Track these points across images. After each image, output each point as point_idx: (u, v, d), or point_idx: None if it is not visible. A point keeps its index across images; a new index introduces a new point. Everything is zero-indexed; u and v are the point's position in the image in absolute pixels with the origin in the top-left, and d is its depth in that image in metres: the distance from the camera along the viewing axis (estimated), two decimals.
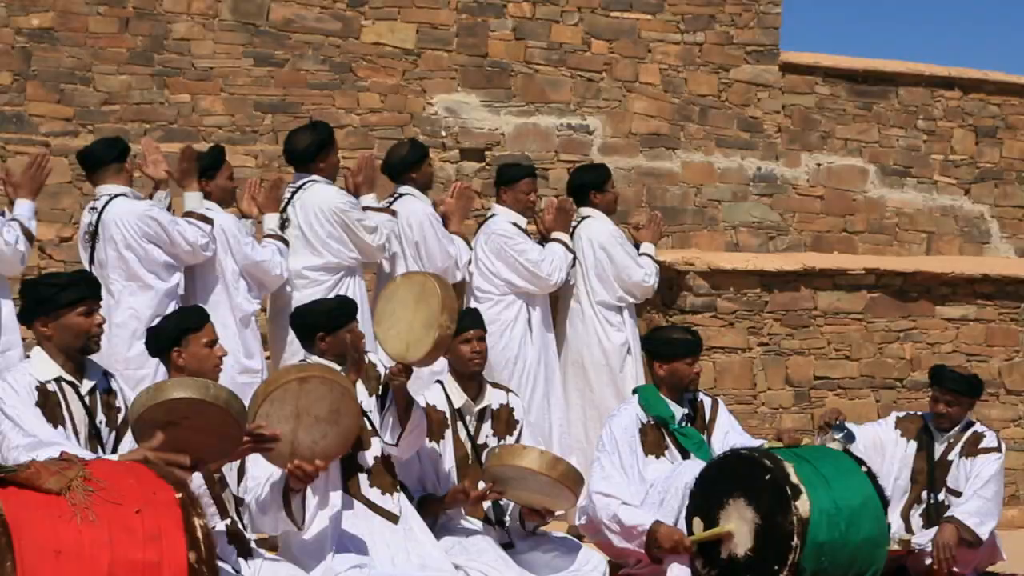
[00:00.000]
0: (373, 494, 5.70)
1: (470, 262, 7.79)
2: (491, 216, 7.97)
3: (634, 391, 6.87)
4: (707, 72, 10.56)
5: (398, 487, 5.80)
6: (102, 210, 6.79)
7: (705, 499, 6.04)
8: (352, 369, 5.59)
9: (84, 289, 5.08)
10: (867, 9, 28.20)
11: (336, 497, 5.53)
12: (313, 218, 7.23)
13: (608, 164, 9.25)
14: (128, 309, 6.70)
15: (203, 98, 9.46)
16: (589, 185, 8.16)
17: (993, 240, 11.23)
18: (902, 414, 7.24)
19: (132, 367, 6.49)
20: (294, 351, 7.01)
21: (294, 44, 9.65)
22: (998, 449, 6.90)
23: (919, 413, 7.23)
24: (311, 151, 7.32)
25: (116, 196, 6.80)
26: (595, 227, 8.02)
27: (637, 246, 8.26)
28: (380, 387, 5.81)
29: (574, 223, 8.08)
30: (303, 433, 4.95)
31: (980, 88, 11.24)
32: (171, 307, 6.69)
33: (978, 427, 7.04)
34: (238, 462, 5.19)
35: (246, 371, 6.90)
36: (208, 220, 6.88)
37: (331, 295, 6.86)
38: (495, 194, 8.17)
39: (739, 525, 5.91)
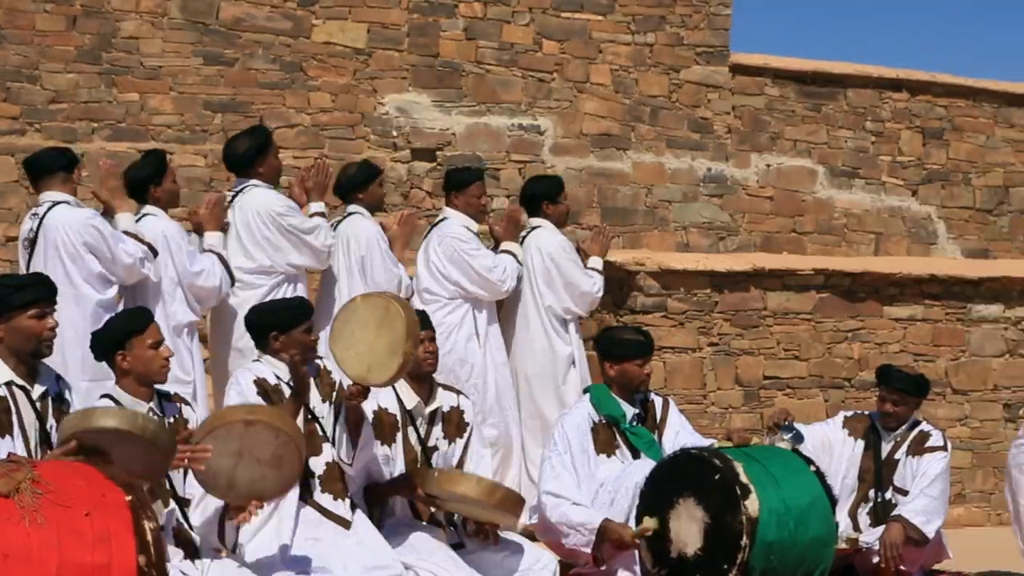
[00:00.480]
0: (325, 500, 5.69)
1: (411, 290, 7.79)
2: (443, 219, 7.97)
3: (585, 390, 6.89)
4: (657, 73, 10.61)
5: (348, 491, 5.79)
6: (43, 216, 6.72)
7: (655, 499, 6.07)
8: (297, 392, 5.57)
9: (39, 291, 5.04)
10: (816, 11, 28.41)
11: (290, 510, 5.52)
12: (251, 220, 7.21)
13: (559, 164, 9.29)
14: (61, 320, 6.61)
15: (152, 97, 9.40)
16: (542, 195, 8.16)
17: (940, 241, 11.35)
18: (850, 413, 7.30)
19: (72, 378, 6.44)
20: (240, 350, 7.00)
21: (244, 43, 9.61)
22: (944, 448, 6.97)
23: (866, 412, 7.29)
24: (250, 155, 7.30)
25: (58, 203, 6.73)
26: (544, 237, 8.04)
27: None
28: (334, 394, 5.81)
29: (524, 233, 8.10)
30: (242, 471, 4.96)
31: (927, 90, 11.34)
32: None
33: (924, 426, 7.10)
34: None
35: (177, 381, 6.83)
36: (144, 242, 6.80)
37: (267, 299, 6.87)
38: (445, 197, 8.17)
39: (688, 524, 5.94)
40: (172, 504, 5.15)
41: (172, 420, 5.32)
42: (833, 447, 7.08)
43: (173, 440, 4.61)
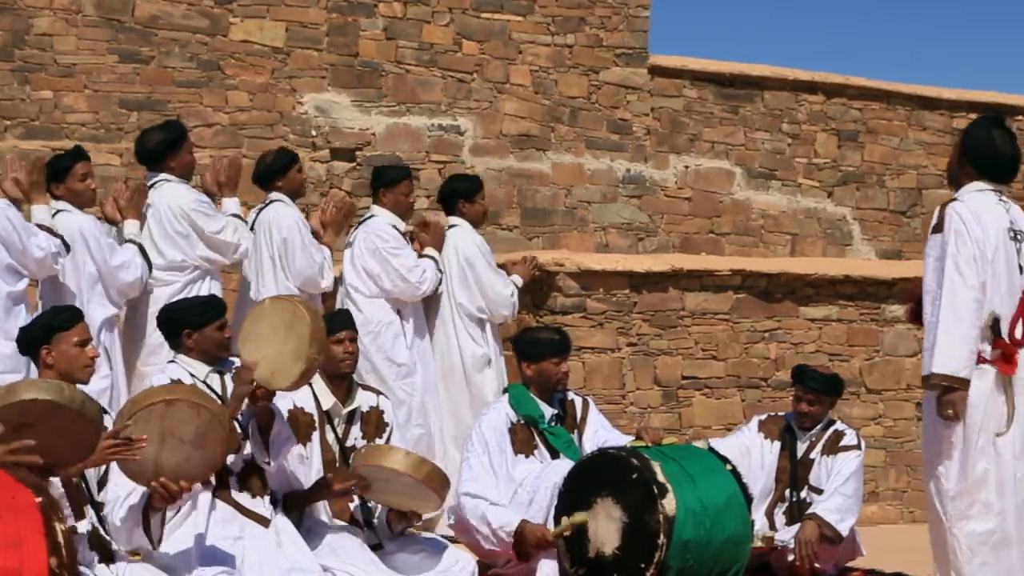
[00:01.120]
0: (243, 498, 5.65)
1: (338, 279, 7.80)
2: (370, 217, 7.96)
3: (504, 390, 6.90)
4: (577, 74, 10.65)
5: (268, 490, 5.75)
6: None
7: (573, 498, 6.08)
8: (234, 399, 5.53)
9: None
10: (734, 14, 28.67)
11: (204, 508, 5.47)
12: (164, 215, 7.16)
13: (479, 165, 9.30)
14: None
15: (66, 95, 9.29)
16: (459, 194, 8.16)
17: (855, 242, 11.49)
18: (764, 416, 7.34)
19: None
20: (151, 350, 6.95)
21: (160, 41, 9.52)
22: (858, 447, 7.04)
23: (781, 414, 7.35)
24: (160, 150, 7.25)
25: None
26: (461, 236, 8.04)
27: None
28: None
29: None
30: (167, 454, 4.90)
31: (842, 93, 11.49)
32: (21, 313, 6.55)
33: (839, 425, 7.17)
34: (102, 468, 5.11)
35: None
36: (57, 235, 6.71)
37: (180, 296, 6.83)
38: (372, 195, 8.13)
39: (606, 524, 5.96)
40: (88, 509, 5.09)
41: None
42: (751, 452, 7.13)
43: (100, 413, 4.57)
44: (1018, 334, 5.66)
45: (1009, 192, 5.92)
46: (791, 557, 6.77)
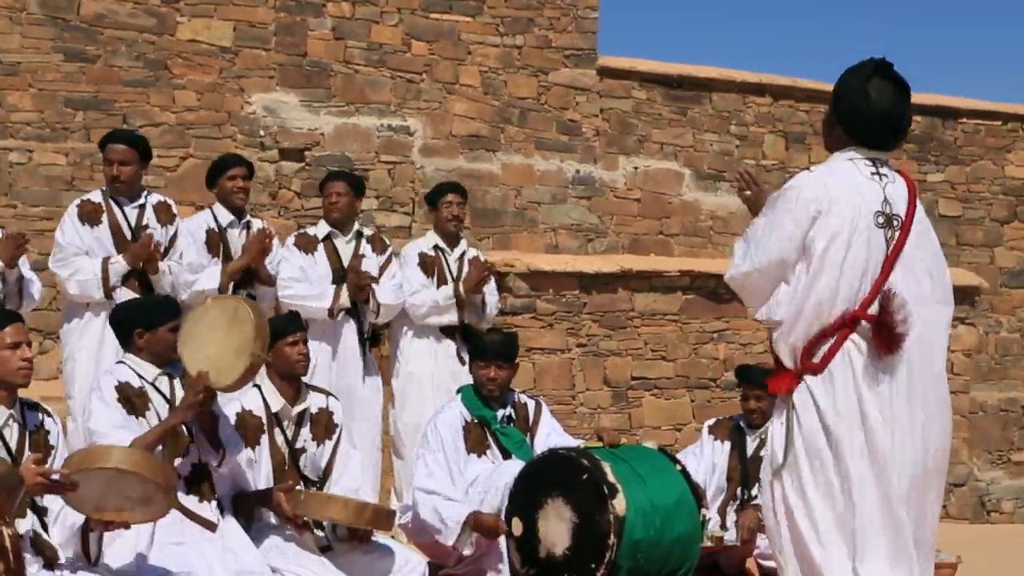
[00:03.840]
0: (190, 502, 5.60)
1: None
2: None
3: (458, 391, 6.90)
4: (526, 75, 10.65)
5: (215, 494, 5.71)
6: None
7: (524, 498, 6.09)
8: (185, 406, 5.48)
9: None
10: (682, 15, 28.81)
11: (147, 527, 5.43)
12: None
13: (429, 165, 9.28)
14: None
15: (10, 93, 9.19)
16: (427, 202, 7.99)
17: None
18: (712, 422, 7.37)
19: None
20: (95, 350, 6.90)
21: (106, 40, 9.44)
22: None
23: (729, 416, 7.38)
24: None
25: None
26: (419, 239, 8.00)
27: None
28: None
29: None
30: (111, 500, 4.83)
31: (789, 95, 11.56)
32: None
33: None
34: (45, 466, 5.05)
35: None
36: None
37: None
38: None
39: (557, 524, 5.97)
40: (29, 513, 5.03)
41: (34, 429, 5.19)
42: (703, 455, 7.18)
43: (18, 478, 4.45)
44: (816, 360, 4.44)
45: (894, 163, 4.45)
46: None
